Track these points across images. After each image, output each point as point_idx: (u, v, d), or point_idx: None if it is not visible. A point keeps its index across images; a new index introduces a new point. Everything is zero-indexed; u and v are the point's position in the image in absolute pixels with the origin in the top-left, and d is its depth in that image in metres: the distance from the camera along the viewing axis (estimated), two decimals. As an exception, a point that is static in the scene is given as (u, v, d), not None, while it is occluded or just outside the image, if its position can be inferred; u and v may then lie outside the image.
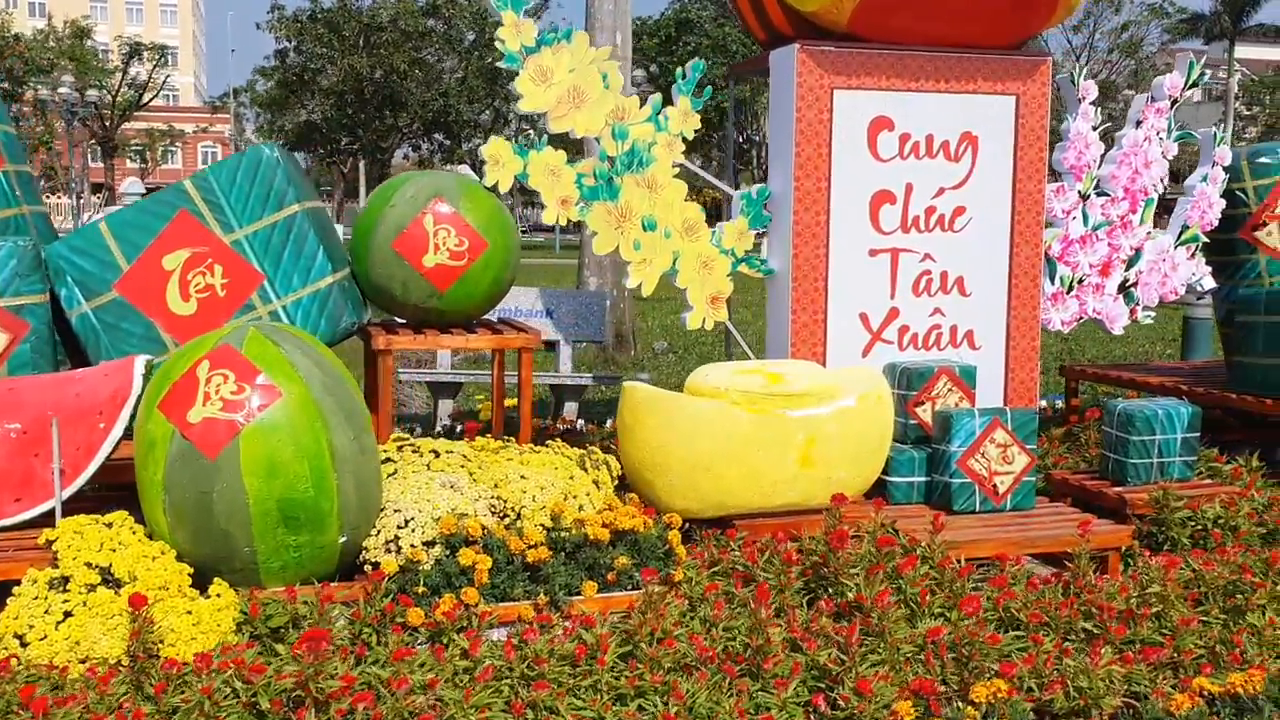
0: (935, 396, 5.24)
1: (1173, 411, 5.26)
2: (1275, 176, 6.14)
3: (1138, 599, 3.77)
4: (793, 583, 3.79)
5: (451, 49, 34.38)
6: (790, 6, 5.18)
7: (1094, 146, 5.76)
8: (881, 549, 4.07)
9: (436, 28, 36.77)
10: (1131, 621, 3.61)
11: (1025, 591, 3.85)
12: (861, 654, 3.29)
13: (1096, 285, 5.86)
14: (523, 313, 7.45)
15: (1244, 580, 3.92)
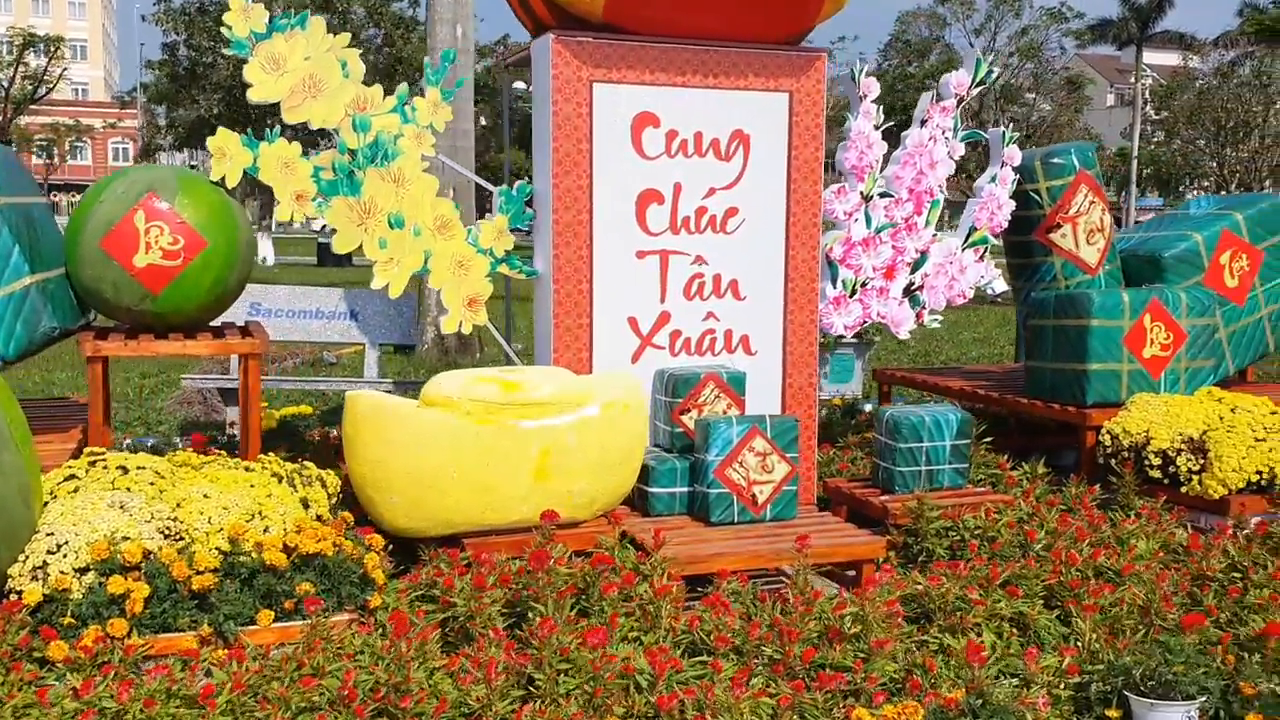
0: (702, 404, 5.04)
1: (941, 418, 5.12)
2: (1068, 177, 6.07)
3: (849, 618, 3.59)
4: (484, 609, 3.54)
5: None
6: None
7: (876, 146, 5.62)
8: (595, 568, 3.83)
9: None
10: (828, 644, 3.42)
11: (736, 611, 3.64)
12: (521, 685, 3.05)
13: (881, 289, 5.72)
14: (325, 314, 7.11)
15: (966, 597, 3.76)
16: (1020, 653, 3.62)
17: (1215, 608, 3.89)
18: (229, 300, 4.73)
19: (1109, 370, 5.66)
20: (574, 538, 4.37)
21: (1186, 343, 5.79)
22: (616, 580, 3.76)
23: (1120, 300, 5.67)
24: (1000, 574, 3.91)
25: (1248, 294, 6.30)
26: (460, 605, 3.57)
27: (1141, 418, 5.36)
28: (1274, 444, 5.02)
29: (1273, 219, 6.35)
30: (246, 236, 4.74)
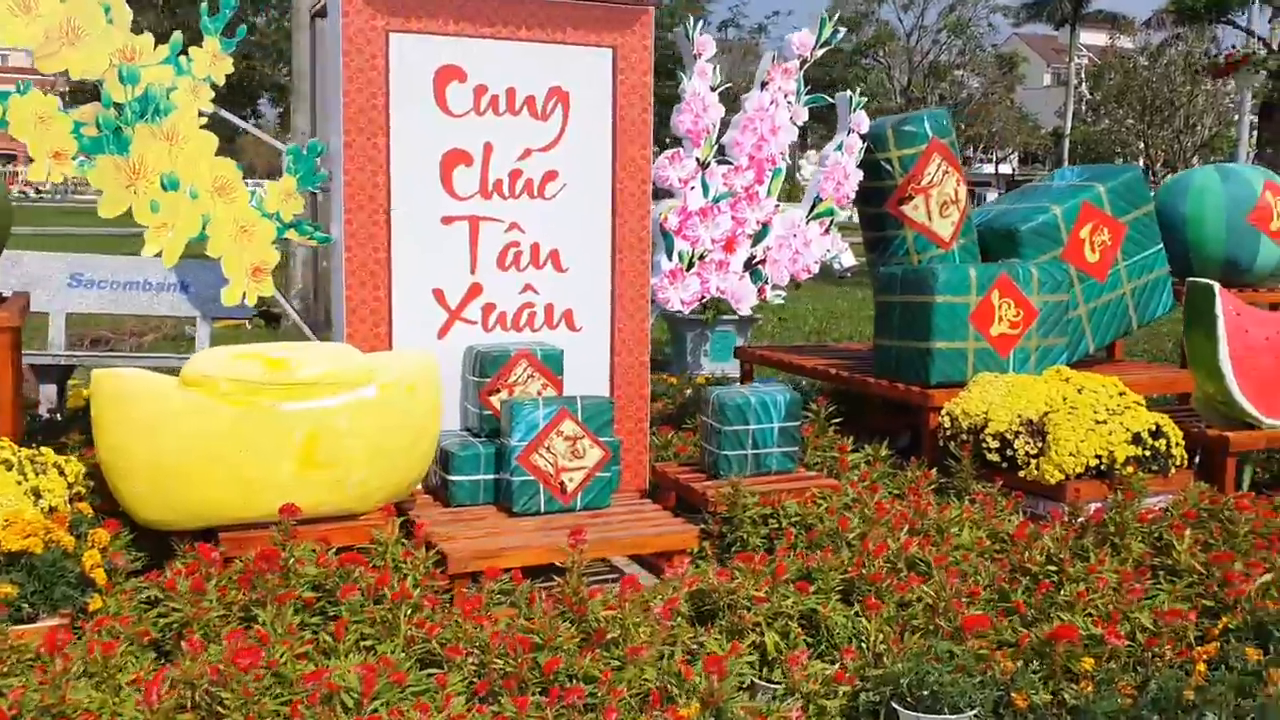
0: (513, 384, 4.68)
1: (769, 399, 4.81)
2: (920, 146, 5.76)
3: (612, 621, 3.25)
4: (203, 614, 3.15)
5: (254, 7, 32.66)
6: (340, -64, 4.50)
7: (713, 109, 5.26)
8: (345, 566, 3.46)
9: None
10: (595, 649, 3.08)
11: (500, 615, 3.29)
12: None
13: (720, 262, 5.38)
14: (153, 286, 6.62)
15: (747, 595, 3.45)
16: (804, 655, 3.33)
17: (1024, 605, 3.61)
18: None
19: (954, 349, 5.39)
20: (348, 532, 4.00)
21: (1038, 320, 5.53)
22: (367, 582, 3.39)
23: (966, 275, 5.39)
24: (787, 567, 3.60)
25: (1109, 269, 6.07)
26: (180, 609, 3.18)
27: (981, 398, 5.09)
28: (1115, 426, 4.77)
29: (1137, 191, 6.11)
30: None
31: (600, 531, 4.22)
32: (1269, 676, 3.01)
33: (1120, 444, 4.72)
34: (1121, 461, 4.71)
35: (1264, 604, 3.46)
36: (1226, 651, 3.21)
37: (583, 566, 3.53)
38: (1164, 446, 4.84)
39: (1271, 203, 6.28)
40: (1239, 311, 5.10)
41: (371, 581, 3.40)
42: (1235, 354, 5.06)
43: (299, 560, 3.40)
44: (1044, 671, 3.10)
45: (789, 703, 2.85)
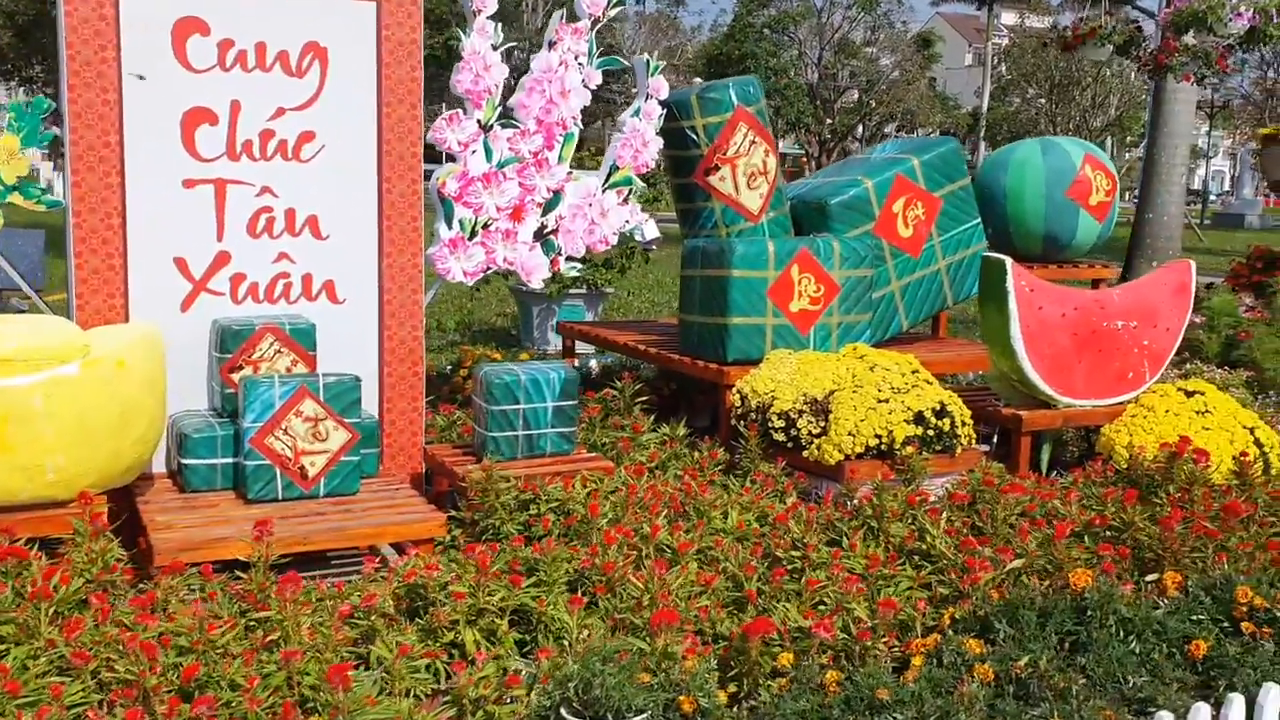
0: (258, 360, 4.36)
1: (541, 377, 4.56)
2: (725, 114, 5.53)
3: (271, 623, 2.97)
4: None
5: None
6: None
7: (496, 69, 4.96)
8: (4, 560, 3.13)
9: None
10: (260, 655, 2.80)
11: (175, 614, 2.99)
12: None
13: (507, 231, 5.09)
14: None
15: (446, 590, 3.19)
16: (512, 654, 3.10)
17: (755, 594, 3.41)
18: None
19: (751, 325, 5.19)
20: (46, 522, 3.66)
21: (839, 296, 5.35)
22: (31, 576, 3.07)
23: (764, 250, 5.19)
24: (493, 559, 3.34)
25: (924, 244, 5.91)
26: None
27: (770, 376, 4.89)
28: (896, 406, 4.61)
29: (953, 164, 5.95)
30: None
31: (333, 521, 3.94)
32: (977, 672, 2.84)
33: (900, 423, 4.55)
34: (901, 441, 4.54)
35: (1000, 592, 3.30)
36: (945, 645, 3.04)
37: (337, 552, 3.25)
38: (948, 426, 4.69)
39: (1091, 177, 6.18)
40: (1032, 287, 4.96)
41: (35, 576, 3.08)
42: (1028, 331, 4.92)
43: (-58, 556, 3.06)
44: (742, 667, 2.89)
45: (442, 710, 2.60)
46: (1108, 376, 5.15)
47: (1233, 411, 4.94)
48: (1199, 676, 3.03)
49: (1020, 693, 2.83)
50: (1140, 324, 5.19)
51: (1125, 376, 5.19)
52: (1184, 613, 3.23)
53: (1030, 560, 3.58)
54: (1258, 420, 4.99)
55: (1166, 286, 5.32)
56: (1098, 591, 3.12)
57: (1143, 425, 4.90)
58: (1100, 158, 6.28)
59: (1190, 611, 3.25)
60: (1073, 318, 5.04)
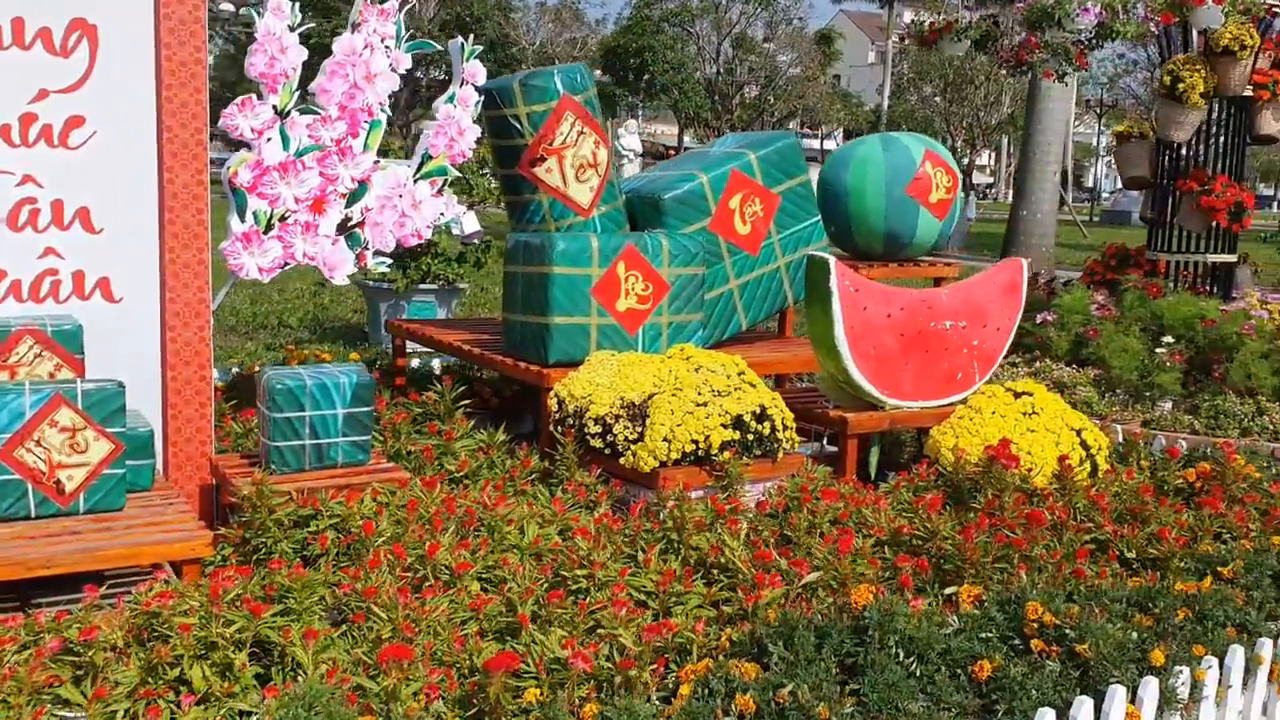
0: (15, 364, 3.98)
1: (331, 382, 4.25)
2: (551, 102, 5.27)
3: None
4: None
5: None
6: None
7: (293, 51, 4.64)
8: None
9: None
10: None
11: None
12: None
13: (307, 224, 4.77)
14: None
15: (170, 623, 2.88)
16: (254, 690, 2.80)
17: (528, 618, 3.16)
18: None
19: (575, 324, 4.94)
20: None
21: (669, 294, 5.14)
22: None
23: (587, 245, 4.95)
24: (225, 589, 3.04)
25: (762, 242, 5.73)
26: None
27: (589, 379, 4.66)
28: (715, 409, 4.40)
29: (791, 160, 5.78)
30: None
31: (87, 541, 3.59)
32: (738, 702, 2.63)
33: (717, 428, 4.35)
34: (718, 446, 4.34)
35: (774, 611, 3.10)
36: (713, 671, 2.82)
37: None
38: (768, 430, 4.50)
39: (931, 174, 6.07)
40: (857, 287, 4.80)
41: None
42: (852, 331, 4.76)
43: None
44: (484, 705, 2.64)
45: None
46: (936, 377, 5.02)
47: (1060, 413, 4.85)
48: (982, 700, 2.87)
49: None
50: (970, 324, 5.08)
51: (954, 377, 5.07)
52: (972, 631, 3.07)
53: (827, 574, 3.40)
54: (1086, 422, 4.91)
55: (996, 286, 5.21)
56: (878, 610, 2.94)
57: (968, 427, 4.78)
58: (941, 154, 6.17)
59: (979, 629, 3.09)
60: (899, 318, 4.89)
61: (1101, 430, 5.23)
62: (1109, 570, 3.71)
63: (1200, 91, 7.46)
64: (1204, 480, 4.66)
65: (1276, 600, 3.59)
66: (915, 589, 3.49)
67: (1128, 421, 6.63)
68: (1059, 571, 3.55)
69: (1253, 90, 7.72)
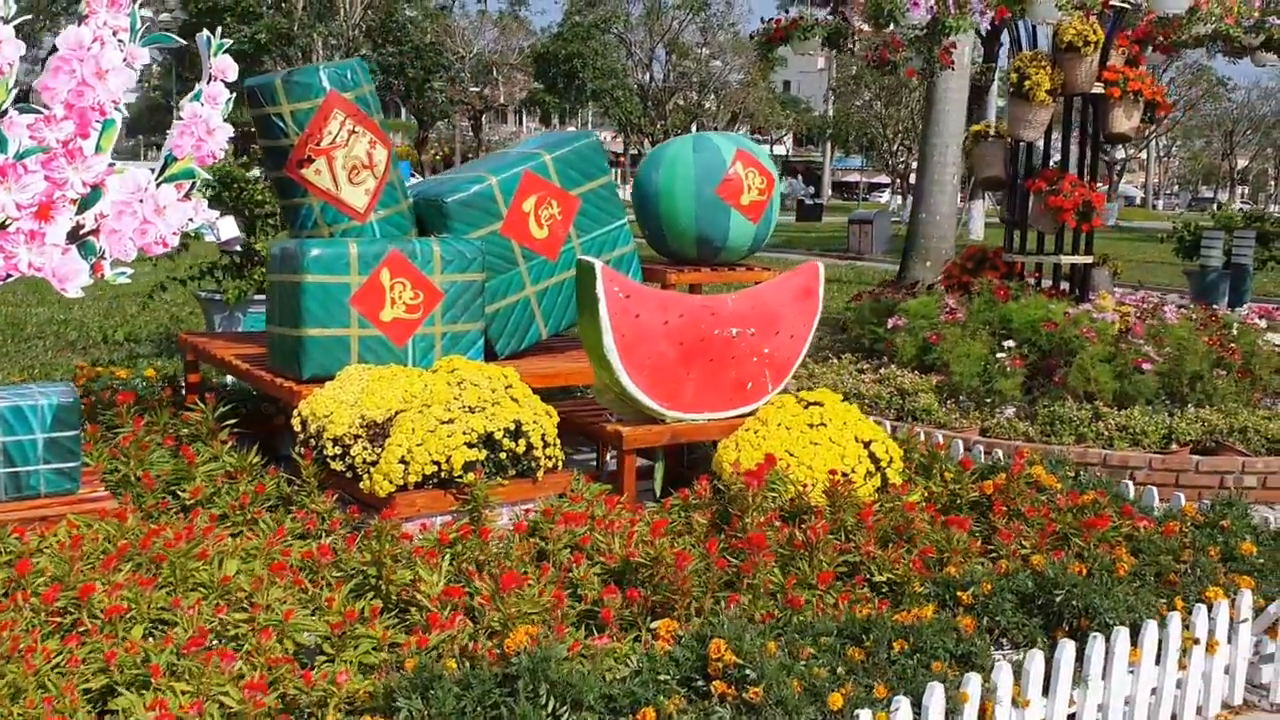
0: None
1: (26, 404, 3.89)
2: (317, 99, 4.93)
3: None
4: None
5: None
6: None
7: (8, 45, 4.25)
8: None
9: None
10: None
11: None
12: None
13: (32, 232, 4.39)
14: None
15: None
16: None
17: (160, 670, 2.81)
18: None
19: (332, 336, 4.61)
20: None
21: (442, 303, 4.82)
22: None
23: (344, 252, 4.62)
24: None
25: (561, 246, 5.43)
26: None
27: (333, 396, 4.32)
28: (461, 427, 4.08)
29: (591, 161, 5.48)
30: None
31: None
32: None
33: (460, 447, 4.03)
34: (460, 467, 4.02)
35: (414, 661, 2.77)
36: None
37: None
38: (523, 448, 4.19)
39: (742, 175, 5.79)
40: (627, 293, 4.50)
41: None
42: (623, 340, 4.46)
43: None
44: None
45: None
46: (723, 388, 4.74)
47: (849, 423, 4.58)
48: (639, 754, 2.57)
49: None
50: (760, 331, 4.80)
51: (744, 387, 4.79)
52: (649, 673, 2.77)
53: (493, 614, 3.08)
54: (879, 433, 4.64)
55: (790, 291, 4.93)
56: (528, 655, 2.63)
57: (751, 440, 4.50)
58: (755, 155, 5.90)
59: (658, 670, 2.79)
60: (678, 325, 4.60)
61: (919, 441, 4.99)
62: (851, 596, 3.43)
63: (1046, 89, 7.26)
64: (996, 494, 4.41)
65: (1018, 627, 3.33)
66: (623, 625, 3.20)
67: (965, 429, 6.41)
68: (779, 600, 3.27)
69: (1103, 88, 7.54)
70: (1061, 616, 3.36)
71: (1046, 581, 3.44)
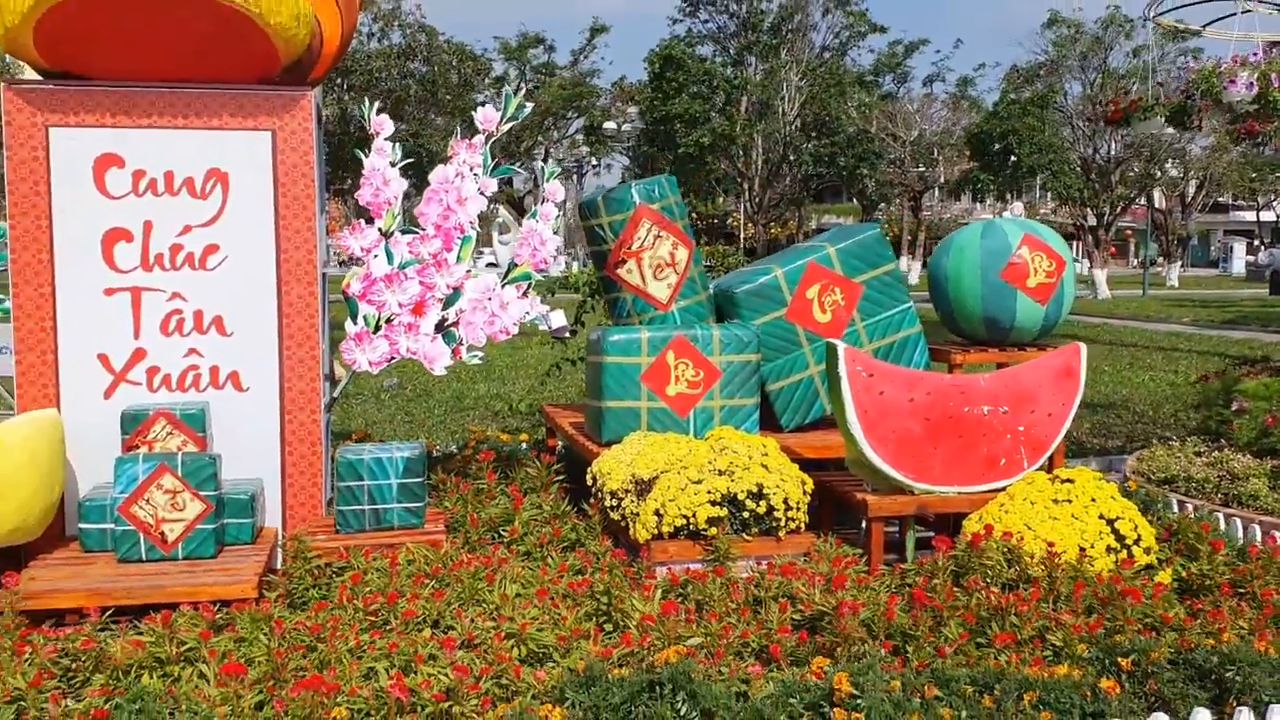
0: (152, 440, 5.12)
1: (385, 456, 5.06)
2: (627, 212, 5.88)
3: None
4: None
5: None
6: (8, 46, 5.15)
7: (394, 183, 5.58)
8: None
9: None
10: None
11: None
12: None
13: (409, 324, 5.66)
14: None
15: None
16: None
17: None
18: None
19: (625, 408, 5.45)
20: (-69, 568, 4.52)
21: (721, 380, 5.52)
22: None
23: (637, 337, 5.47)
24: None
25: (845, 328, 5.94)
26: None
27: (616, 457, 5.14)
28: (710, 487, 4.73)
29: (874, 251, 5.97)
30: None
31: (171, 578, 4.57)
32: (501, 734, 3.05)
33: (704, 504, 4.68)
34: (704, 522, 4.67)
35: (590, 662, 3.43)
36: (515, 711, 3.24)
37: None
38: (764, 509, 4.75)
39: (1028, 259, 5.97)
40: (871, 372, 4.93)
41: None
42: (866, 415, 4.89)
43: None
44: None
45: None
46: (973, 463, 4.99)
47: (1098, 500, 4.68)
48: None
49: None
50: (1013, 409, 5.00)
51: (996, 463, 5.01)
52: (780, 696, 3.26)
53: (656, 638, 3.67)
54: (1129, 511, 4.69)
55: (1049, 370, 5.08)
56: (670, 667, 3.22)
57: (994, 514, 4.74)
58: (1044, 239, 6.05)
59: (789, 695, 3.26)
60: (924, 402, 4.94)
61: (1191, 522, 4.94)
62: (1021, 656, 3.66)
63: None
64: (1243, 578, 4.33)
65: (1182, 698, 3.39)
66: (795, 660, 3.67)
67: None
68: (938, 653, 3.58)
69: None
70: (1231, 692, 3.38)
71: (1224, 657, 3.46)
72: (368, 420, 10.06)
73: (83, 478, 5.20)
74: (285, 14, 4.84)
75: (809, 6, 40.51)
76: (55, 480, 4.88)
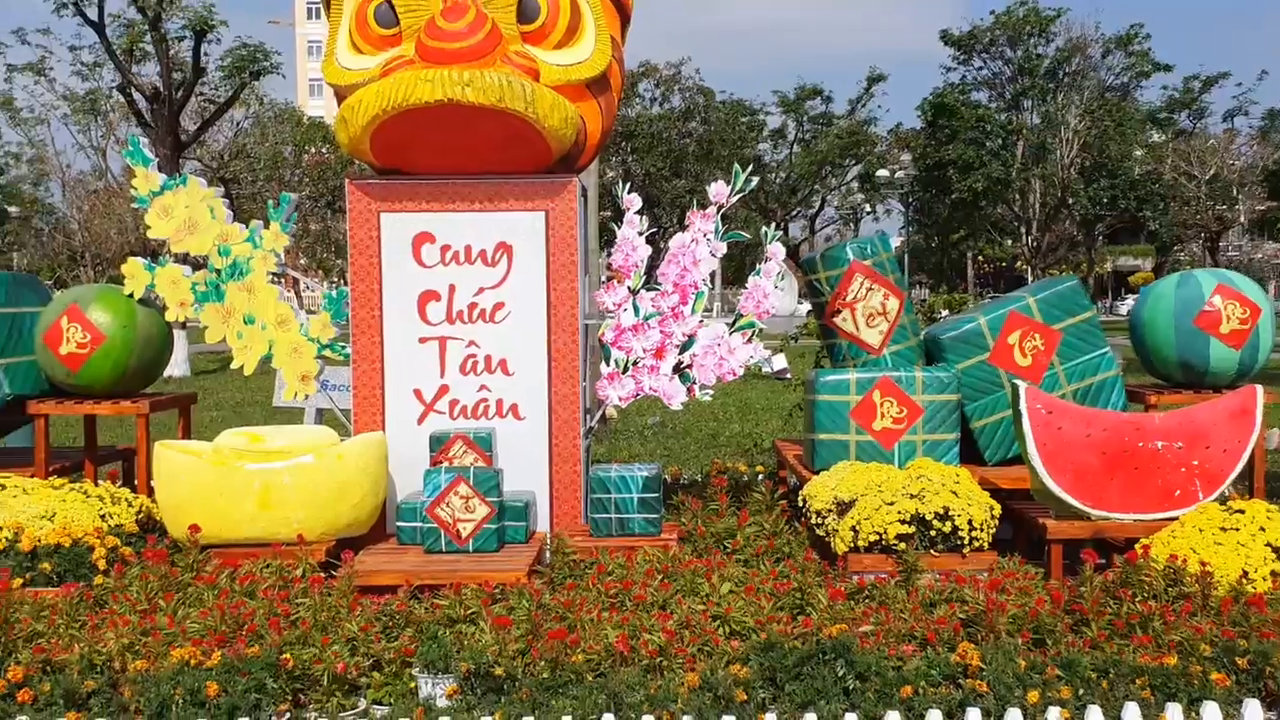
0: (452, 458, 6.42)
1: (628, 474, 6.14)
2: (843, 268, 6.73)
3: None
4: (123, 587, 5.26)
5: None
6: (352, 150, 6.66)
7: (640, 249, 6.70)
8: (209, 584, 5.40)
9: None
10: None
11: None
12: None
13: (652, 367, 6.74)
14: (339, 387, 9.02)
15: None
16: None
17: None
18: (129, 378, 6.88)
19: (835, 440, 6.29)
20: (289, 553, 5.95)
21: (923, 417, 6.25)
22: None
23: (846, 379, 6.30)
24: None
25: (1044, 372, 6.52)
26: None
27: (821, 482, 5.97)
28: (904, 507, 5.49)
29: (1072, 300, 6.53)
30: (147, 334, 6.87)
31: (460, 566, 5.80)
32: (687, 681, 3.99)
33: (894, 523, 5.44)
34: (893, 538, 5.43)
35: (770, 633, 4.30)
36: (710, 670, 4.17)
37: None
38: (948, 528, 5.45)
39: (1220, 306, 6.34)
40: (1049, 409, 5.52)
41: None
42: (1045, 449, 5.49)
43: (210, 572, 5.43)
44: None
45: None
46: (1148, 493, 5.47)
47: (1267, 529, 5.09)
48: (897, 708, 3.87)
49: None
50: (1187, 445, 5.45)
51: (1171, 494, 5.47)
52: (923, 668, 4.02)
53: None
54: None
55: (1224, 410, 5.48)
56: (832, 639, 4.06)
57: (1164, 539, 5.24)
58: (1237, 288, 6.39)
59: (931, 668, 4.02)
60: (1100, 437, 5.48)
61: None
62: (1151, 656, 4.22)
63: None
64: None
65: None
66: (947, 647, 4.40)
67: None
68: (1069, 645, 4.22)
69: None
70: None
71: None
72: (632, 453, 11.29)
73: (400, 487, 6.57)
74: (556, 119, 6.06)
75: (1089, 49, 39.59)
76: (380, 488, 6.25)
